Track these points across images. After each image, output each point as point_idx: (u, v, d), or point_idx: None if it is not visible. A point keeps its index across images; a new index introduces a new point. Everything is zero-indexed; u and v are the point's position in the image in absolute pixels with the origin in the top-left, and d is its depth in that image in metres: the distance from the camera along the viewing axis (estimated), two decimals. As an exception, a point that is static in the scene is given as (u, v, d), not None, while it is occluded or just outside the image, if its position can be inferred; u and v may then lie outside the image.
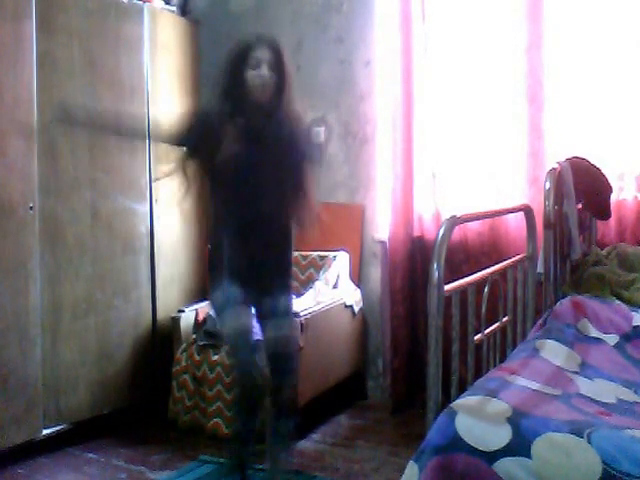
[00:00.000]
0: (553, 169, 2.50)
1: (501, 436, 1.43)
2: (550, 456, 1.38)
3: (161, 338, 3.44)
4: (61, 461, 2.93)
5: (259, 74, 2.28)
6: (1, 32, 2.74)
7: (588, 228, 2.89)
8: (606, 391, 1.83)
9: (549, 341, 2.07)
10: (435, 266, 1.67)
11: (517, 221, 3.08)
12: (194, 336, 3.26)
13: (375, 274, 3.66)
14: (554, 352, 2.00)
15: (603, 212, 2.86)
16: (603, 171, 2.83)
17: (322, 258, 3.52)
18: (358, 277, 3.65)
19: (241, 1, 3.92)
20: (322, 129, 3.71)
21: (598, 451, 1.36)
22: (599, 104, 3.03)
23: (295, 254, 3.29)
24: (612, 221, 2.97)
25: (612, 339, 2.19)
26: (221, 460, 2.78)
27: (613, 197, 2.89)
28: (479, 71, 3.29)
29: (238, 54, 2.31)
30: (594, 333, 2.21)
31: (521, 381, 1.73)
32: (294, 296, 2.64)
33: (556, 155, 2.97)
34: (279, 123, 2.34)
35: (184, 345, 3.26)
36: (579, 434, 1.41)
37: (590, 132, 3.06)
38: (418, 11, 3.38)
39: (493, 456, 1.41)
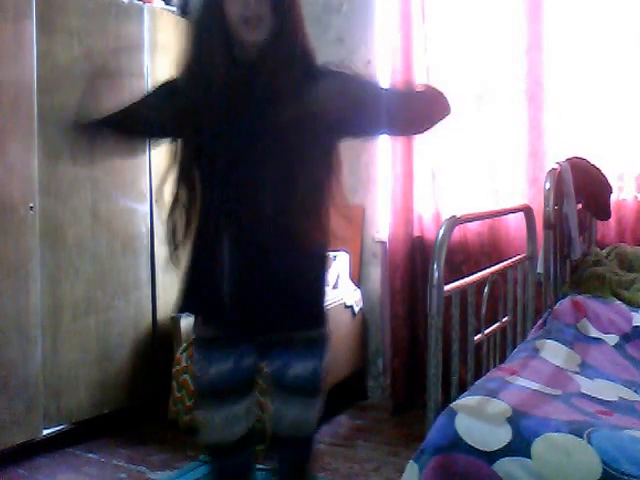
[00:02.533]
0: (553, 169, 2.50)
1: (501, 436, 1.43)
2: (550, 456, 1.38)
3: (161, 338, 3.44)
4: (61, 461, 2.93)
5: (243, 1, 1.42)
6: (1, 32, 2.74)
7: (588, 228, 2.89)
8: (607, 391, 1.83)
9: (549, 341, 2.07)
10: (435, 266, 1.67)
11: (517, 221, 3.08)
12: (194, 336, 3.26)
13: (375, 274, 3.66)
14: (554, 352, 2.00)
15: (603, 212, 2.86)
16: (603, 171, 2.83)
17: (322, 258, 3.51)
18: (358, 277, 3.65)
19: (241, 1, 3.91)
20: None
21: (598, 451, 1.36)
22: (599, 104, 3.03)
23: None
24: (612, 221, 2.97)
25: (612, 339, 2.19)
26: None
27: (613, 197, 2.89)
28: (479, 71, 3.29)
29: None
30: (594, 333, 2.21)
31: (521, 381, 1.73)
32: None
33: (556, 155, 2.97)
34: (283, 71, 1.46)
35: (184, 345, 3.26)
36: (579, 434, 1.41)
37: (590, 132, 3.06)
38: (418, 11, 3.38)
39: (493, 456, 1.41)
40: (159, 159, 3.38)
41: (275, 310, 1.49)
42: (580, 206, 2.72)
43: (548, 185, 2.39)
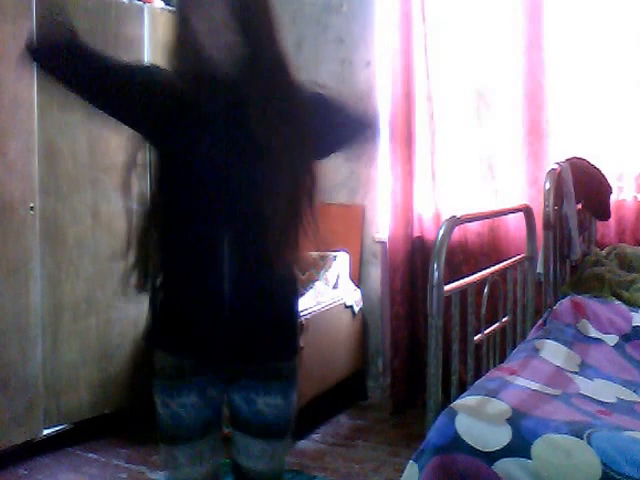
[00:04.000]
0: (553, 169, 2.50)
1: (501, 436, 1.43)
2: (550, 457, 1.38)
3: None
4: (62, 461, 2.93)
5: (207, 18, 1.36)
6: (1, 32, 2.74)
7: (588, 228, 2.89)
8: (606, 391, 1.83)
9: (549, 341, 2.07)
10: (435, 266, 1.68)
11: (517, 221, 3.07)
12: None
13: (375, 274, 3.66)
14: (554, 352, 2.00)
15: (603, 212, 2.86)
16: (603, 171, 2.83)
17: (322, 258, 3.51)
18: (358, 277, 3.65)
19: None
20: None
21: (598, 452, 1.36)
22: (599, 104, 3.03)
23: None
24: (612, 221, 2.97)
25: (612, 339, 2.19)
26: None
27: (612, 197, 2.89)
28: (479, 71, 3.29)
29: None
30: (594, 333, 2.21)
31: (521, 381, 1.73)
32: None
33: (556, 155, 2.97)
34: (250, 84, 1.39)
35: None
36: (579, 435, 1.41)
37: (590, 132, 3.06)
38: (418, 11, 3.38)
39: (493, 456, 1.41)
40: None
41: (247, 336, 1.40)
42: (580, 206, 2.73)
43: (548, 185, 2.40)
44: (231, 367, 1.44)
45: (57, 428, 3.02)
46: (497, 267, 2.18)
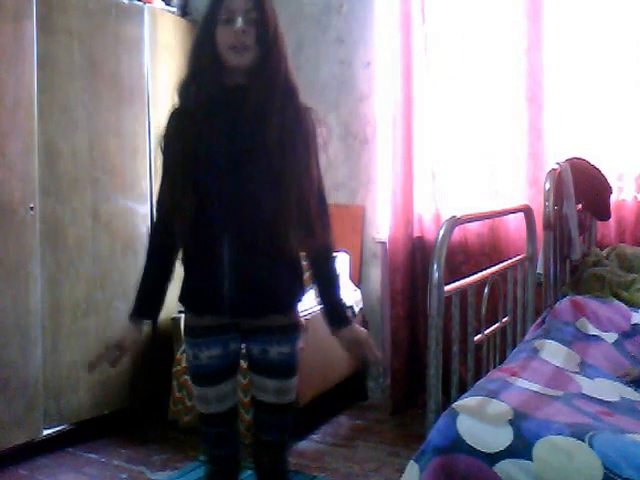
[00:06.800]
0: (553, 170, 2.51)
1: (502, 438, 1.43)
2: (551, 459, 1.38)
3: (161, 338, 3.43)
4: (62, 461, 2.93)
5: (233, 29, 1.62)
6: (1, 33, 2.74)
7: (588, 229, 2.89)
8: (608, 390, 1.83)
9: (548, 341, 2.07)
10: (435, 267, 1.68)
11: (517, 222, 3.08)
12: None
13: (375, 275, 3.67)
14: (553, 352, 2.00)
15: (603, 213, 2.86)
16: (603, 171, 2.83)
17: (322, 258, 3.51)
18: (358, 278, 3.65)
19: (241, 1, 3.91)
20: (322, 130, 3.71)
21: (599, 455, 1.36)
22: (598, 104, 3.03)
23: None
24: (612, 222, 2.97)
25: (611, 337, 2.19)
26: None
27: (613, 198, 2.89)
28: (479, 71, 3.30)
29: (208, 8, 1.69)
30: (593, 331, 2.21)
31: (522, 383, 1.73)
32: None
33: (556, 156, 2.97)
34: (267, 92, 1.65)
35: (184, 345, 3.25)
36: (581, 437, 1.40)
37: (590, 133, 3.06)
38: (418, 12, 3.38)
39: (494, 458, 1.41)
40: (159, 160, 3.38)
41: (256, 299, 1.72)
42: (580, 206, 2.73)
43: (548, 185, 2.40)
44: (247, 326, 1.75)
45: (57, 428, 3.02)
46: (497, 267, 2.18)
